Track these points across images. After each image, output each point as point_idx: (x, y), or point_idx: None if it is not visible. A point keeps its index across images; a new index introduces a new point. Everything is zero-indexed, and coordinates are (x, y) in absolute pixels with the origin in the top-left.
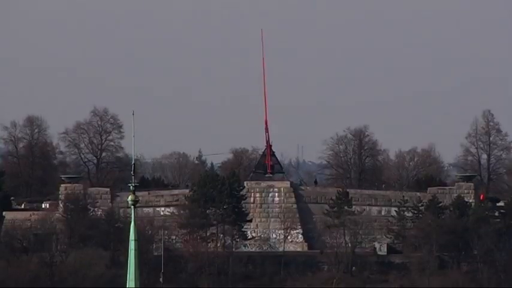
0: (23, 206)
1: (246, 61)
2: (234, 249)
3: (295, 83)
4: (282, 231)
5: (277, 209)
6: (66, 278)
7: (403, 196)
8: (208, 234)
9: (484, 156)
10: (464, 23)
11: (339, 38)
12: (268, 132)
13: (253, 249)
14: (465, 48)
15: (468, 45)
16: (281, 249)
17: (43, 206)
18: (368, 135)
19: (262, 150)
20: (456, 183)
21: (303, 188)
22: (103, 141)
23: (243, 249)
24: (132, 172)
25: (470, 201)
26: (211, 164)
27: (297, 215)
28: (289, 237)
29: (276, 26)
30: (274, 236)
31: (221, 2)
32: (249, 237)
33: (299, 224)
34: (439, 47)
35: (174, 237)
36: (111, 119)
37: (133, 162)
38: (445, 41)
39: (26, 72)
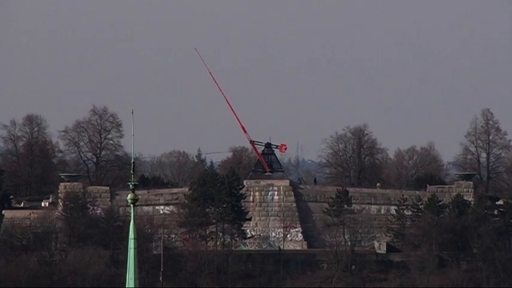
0: (22, 205)
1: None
2: (233, 248)
3: (295, 82)
4: (282, 230)
5: (276, 208)
6: (65, 277)
7: (403, 195)
8: (207, 232)
9: (484, 154)
10: (464, 23)
11: (338, 37)
12: (254, 142)
13: (253, 248)
14: (464, 48)
15: (468, 45)
16: (281, 247)
17: (42, 205)
18: (367, 134)
19: (262, 149)
20: (455, 182)
21: (302, 186)
22: (102, 139)
23: (243, 247)
24: (131, 171)
25: (470, 199)
26: (211, 162)
27: (297, 214)
28: (288, 235)
29: (283, 25)
30: (273, 234)
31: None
32: (249, 235)
33: (298, 222)
34: (439, 46)
35: (173, 235)
36: (110, 118)
37: (132, 160)
38: (445, 40)
39: (26, 71)
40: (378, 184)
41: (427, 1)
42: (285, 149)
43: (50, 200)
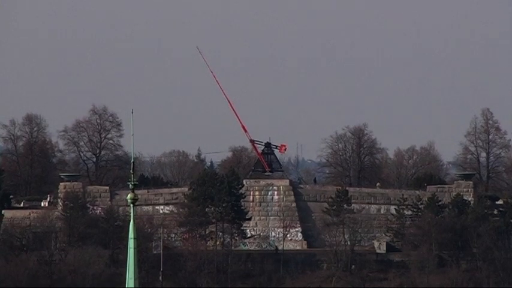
0: (22, 204)
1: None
2: (233, 248)
3: (294, 82)
4: (281, 230)
5: (276, 207)
6: (65, 277)
7: (402, 194)
8: (207, 232)
9: (483, 154)
10: (463, 23)
11: (338, 36)
12: (254, 141)
13: (253, 248)
14: (464, 48)
15: (468, 45)
16: (280, 247)
17: (42, 205)
18: (367, 133)
19: (262, 149)
20: (455, 182)
21: (302, 186)
22: (102, 139)
23: (242, 247)
24: (131, 170)
25: (470, 199)
26: (211, 162)
27: (296, 213)
28: (288, 235)
29: (283, 25)
30: (273, 234)
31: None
32: (248, 235)
33: (298, 222)
34: (439, 46)
35: (173, 235)
36: (110, 117)
37: (132, 160)
38: (445, 40)
39: (26, 71)
40: (378, 184)
41: (427, 1)
42: (285, 149)
43: (48, 199)
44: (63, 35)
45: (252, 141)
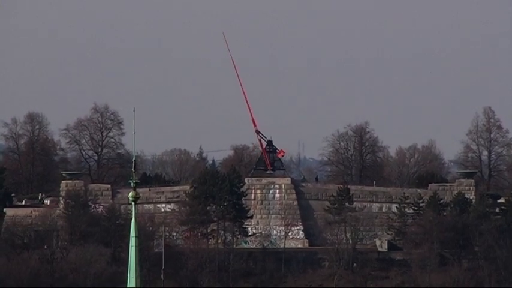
0: (23, 203)
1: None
2: (234, 246)
3: (296, 79)
4: (283, 228)
5: (278, 206)
6: (66, 275)
7: (404, 193)
8: (209, 230)
9: (485, 152)
10: (463, 23)
11: (339, 34)
12: (260, 133)
13: (254, 246)
14: (464, 47)
15: (468, 45)
16: (282, 245)
17: (43, 203)
18: (369, 132)
19: (264, 146)
20: (457, 180)
21: (303, 184)
22: (104, 137)
23: (244, 245)
24: (133, 169)
25: (471, 197)
26: (213, 160)
27: (298, 212)
28: (290, 233)
29: (283, 22)
30: (275, 232)
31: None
32: (250, 233)
33: (300, 220)
34: (440, 43)
35: (174, 233)
36: (111, 116)
37: (134, 158)
38: (446, 37)
39: (27, 70)
40: (374, 182)
41: (427, 1)
42: (283, 155)
43: (39, 198)
44: (64, 34)
45: (258, 132)
